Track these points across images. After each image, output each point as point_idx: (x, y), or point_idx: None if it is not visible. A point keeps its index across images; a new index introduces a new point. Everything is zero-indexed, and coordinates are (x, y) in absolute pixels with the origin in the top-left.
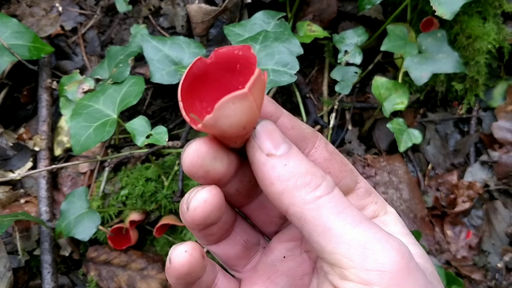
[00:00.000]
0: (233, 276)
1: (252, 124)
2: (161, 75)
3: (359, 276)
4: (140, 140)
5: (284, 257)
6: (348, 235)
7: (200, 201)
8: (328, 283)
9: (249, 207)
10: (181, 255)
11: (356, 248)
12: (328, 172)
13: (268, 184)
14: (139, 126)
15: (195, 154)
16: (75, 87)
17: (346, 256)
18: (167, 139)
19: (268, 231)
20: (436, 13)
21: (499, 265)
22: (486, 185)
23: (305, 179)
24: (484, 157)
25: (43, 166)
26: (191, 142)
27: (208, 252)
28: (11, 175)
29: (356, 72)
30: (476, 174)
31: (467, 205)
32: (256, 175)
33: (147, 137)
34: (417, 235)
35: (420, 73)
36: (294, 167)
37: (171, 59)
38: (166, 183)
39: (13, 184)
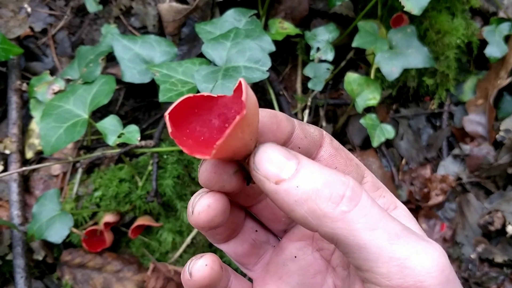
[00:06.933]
0: (245, 275)
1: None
2: (132, 74)
3: None
4: (112, 140)
5: (295, 256)
6: (386, 253)
7: (204, 206)
8: (360, 286)
9: (257, 207)
10: (202, 268)
11: (395, 267)
12: (334, 167)
13: (289, 212)
14: (110, 125)
15: (213, 169)
16: (45, 88)
17: (384, 276)
18: (139, 138)
19: (277, 229)
20: (404, 9)
21: (472, 256)
22: (459, 178)
23: (324, 194)
24: (456, 151)
25: (14, 169)
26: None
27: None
28: None
29: (328, 69)
30: (449, 167)
31: (440, 198)
32: (275, 204)
33: (119, 136)
34: None
35: (391, 68)
36: (309, 185)
37: (142, 58)
38: (140, 184)
39: None
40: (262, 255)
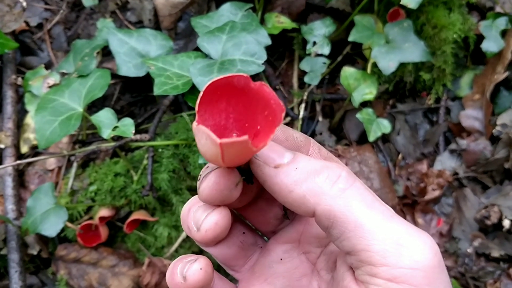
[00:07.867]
0: (230, 276)
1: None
2: (127, 68)
3: (391, 274)
4: (106, 133)
5: (281, 259)
6: (382, 231)
7: (211, 224)
8: (350, 279)
9: (246, 209)
10: (197, 272)
11: (390, 245)
12: None
13: (287, 193)
14: (105, 118)
15: (214, 187)
16: (40, 82)
17: (379, 253)
18: (133, 131)
19: (264, 231)
20: (401, 3)
21: (469, 250)
22: (455, 173)
23: (322, 174)
24: (453, 146)
25: (9, 163)
26: (209, 174)
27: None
28: None
29: (324, 63)
30: (446, 162)
31: (437, 193)
32: (271, 191)
33: (113, 129)
34: None
35: (388, 63)
36: (307, 166)
37: (137, 51)
38: (135, 178)
39: None
40: (249, 256)
